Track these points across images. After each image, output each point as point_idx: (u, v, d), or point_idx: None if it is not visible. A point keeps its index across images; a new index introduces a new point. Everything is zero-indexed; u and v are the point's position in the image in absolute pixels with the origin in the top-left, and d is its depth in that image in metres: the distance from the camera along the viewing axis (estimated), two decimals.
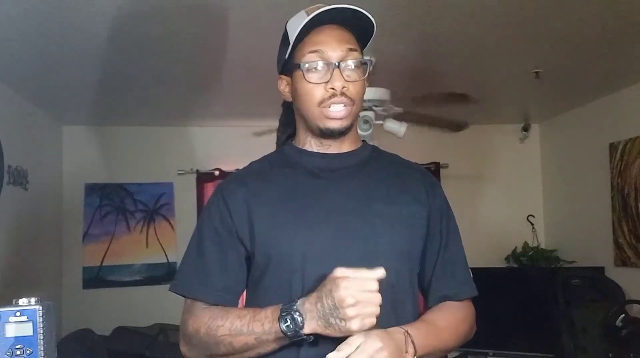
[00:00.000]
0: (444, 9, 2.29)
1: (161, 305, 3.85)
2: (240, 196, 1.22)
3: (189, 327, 1.19)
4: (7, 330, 1.09)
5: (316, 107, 1.19)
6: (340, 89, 1.17)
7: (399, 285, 1.19)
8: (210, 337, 1.14)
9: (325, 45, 1.18)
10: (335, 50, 1.18)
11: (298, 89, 1.22)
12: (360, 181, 1.24)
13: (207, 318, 1.16)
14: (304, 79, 1.19)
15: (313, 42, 1.19)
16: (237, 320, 1.12)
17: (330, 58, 1.18)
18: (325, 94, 1.18)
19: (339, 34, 1.20)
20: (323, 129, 1.21)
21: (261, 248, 1.19)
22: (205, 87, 3.36)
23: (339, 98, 1.18)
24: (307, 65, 1.18)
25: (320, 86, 1.18)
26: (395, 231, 1.21)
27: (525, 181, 4.60)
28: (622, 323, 3.03)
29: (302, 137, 1.28)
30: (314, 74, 1.18)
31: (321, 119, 1.20)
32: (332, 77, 1.17)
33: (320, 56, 1.18)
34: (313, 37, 1.19)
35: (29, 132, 3.52)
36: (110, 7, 2.17)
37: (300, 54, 1.20)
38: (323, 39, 1.19)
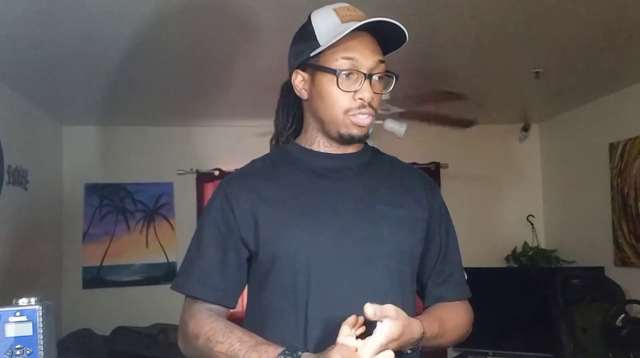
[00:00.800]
0: (444, 9, 2.29)
1: (161, 305, 3.86)
2: (243, 194, 1.21)
3: (189, 329, 1.18)
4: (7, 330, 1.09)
5: (341, 114, 1.18)
6: (369, 100, 1.17)
7: (401, 286, 1.20)
8: (207, 348, 1.13)
9: (360, 54, 1.16)
10: (368, 60, 1.17)
11: (323, 92, 1.19)
12: (363, 183, 1.24)
13: (208, 329, 1.15)
14: (335, 85, 1.17)
15: (347, 49, 1.16)
16: (236, 343, 1.10)
17: (361, 67, 1.16)
18: (353, 104, 1.17)
19: (372, 44, 1.19)
20: (345, 135, 1.20)
21: (265, 248, 1.18)
22: (205, 88, 3.36)
23: (366, 109, 1.17)
24: (343, 73, 1.16)
25: (348, 94, 1.17)
26: (398, 233, 1.21)
27: (525, 181, 4.60)
28: (622, 323, 3.04)
29: (311, 136, 1.26)
30: (345, 82, 1.16)
31: (345, 126, 1.19)
32: (362, 87, 1.16)
33: (353, 64, 1.16)
34: (347, 43, 1.16)
35: (29, 133, 3.52)
36: (110, 8, 2.17)
37: (330, 58, 1.17)
38: (357, 47, 1.17)
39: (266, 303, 1.19)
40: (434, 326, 1.16)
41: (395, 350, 1.06)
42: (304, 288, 1.14)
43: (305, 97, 1.24)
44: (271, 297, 1.18)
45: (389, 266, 1.18)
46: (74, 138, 4.19)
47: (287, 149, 1.30)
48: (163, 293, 4.16)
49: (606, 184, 3.73)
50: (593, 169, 3.89)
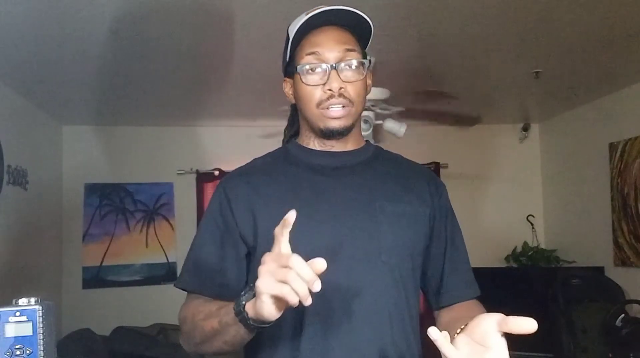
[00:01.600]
0: (444, 9, 2.29)
1: (161, 305, 3.86)
2: (243, 191, 1.22)
3: (181, 316, 1.20)
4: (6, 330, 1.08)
5: (315, 108, 1.20)
6: (338, 90, 1.17)
7: (402, 282, 1.20)
8: (192, 323, 1.14)
9: (322, 46, 1.19)
10: (332, 51, 1.18)
11: (298, 91, 1.23)
12: (364, 179, 1.24)
13: (193, 306, 1.17)
14: (302, 82, 1.20)
15: (310, 44, 1.20)
16: (214, 306, 1.10)
17: (327, 59, 1.18)
18: (323, 96, 1.19)
19: (336, 35, 1.20)
20: (324, 129, 1.21)
21: (265, 245, 1.17)
22: (205, 88, 3.36)
23: (336, 99, 1.18)
24: (305, 68, 1.19)
25: (318, 88, 1.19)
26: (399, 229, 1.21)
27: (525, 181, 4.60)
28: (621, 323, 3.04)
29: (306, 137, 1.29)
30: (312, 76, 1.19)
31: (321, 119, 1.21)
32: (330, 78, 1.18)
33: (317, 58, 1.18)
34: (310, 39, 1.20)
35: (29, 133, 3.52)
36: (110, 8, 2.17)
37: (299, 57, 1.21)
38: (320, 40, 1.19)
39: None
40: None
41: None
42: None
43: (293, 101, 1.28)
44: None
45: (388, 263, 1.18)
46: (73, 137, 4.19)
47: (288, 148, 1.32)
48: (163, 293, 4.18)
49: (606, 184, 3.73)
50: (593, 169, 3.89)
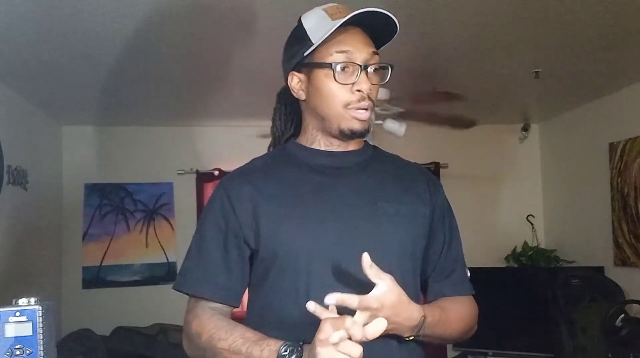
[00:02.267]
0: (444, 9, 2.29)
1: (161, 305, 3.87)
2: (244, 192, 1.21)
3: (192, 328, 1.18)
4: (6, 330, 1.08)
5: (341, 108, 1.18)
6: (367, 91, 1.17)
7: (404, 283, 1.20)
8: (210, 345, 1.14)
9: (353, 46, 1.17)
10: (363, 52, 1.18)
11: (321, 87, 1.20)
12: (364, 180, 1.24)
13: (211, 327, 1.15)
14: (332, 79, 1.17)
15: (341, 43, 1.17)
16: (239, 339, 1.11)
17: (357, 60, 1.17)
18: (352, 97, 1.17)
19: (363, 37, 1.19)
20: (345, 129, 1.20)
21: (267, 246, 1.18)
22: (205, 88, 3.36)
23: (365, 102, 1.18)
24: (338, 66, 1.17)
25: (346, 87, 1.17)
26: (401, 230, 1.21)
27: (525, 181, 4.60)
28: (621, 323, 3.04)
29: (311, 135, 1.27)
30: (342, 75, 1.17)
31: (345, 120, 1.19)
32: (359, 79, 1.17)
33: (348, 57, 1.17)
34: (338, 38, 1.17)
35: (29, 133, 3.52)
36: (110, 8, 2.17)
37: (325, 53, 1.18)
38: (350, 40, 1.18)
39: (267, 301, 1.19)
40: (435, 312, 1.15)
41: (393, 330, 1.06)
42: (305, 286, 1.14)
43: (303, 97, 1.25)
44: (272, 295, 1.18)
45: (390, 263, 1.17)
46: (73, 138, 4.19)
47: (287, 148, 1.30)
48: (163, 293, 4.18)
49: (606, 184, 3.73)
50: (593, 169, 3.89)
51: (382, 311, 1.03)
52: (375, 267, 1.04)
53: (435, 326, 1.14)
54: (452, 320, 1.21)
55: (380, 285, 1.04)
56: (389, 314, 1.04)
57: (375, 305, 1.02)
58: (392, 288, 1.05)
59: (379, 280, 1.04)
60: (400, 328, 1.09)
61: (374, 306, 1.02)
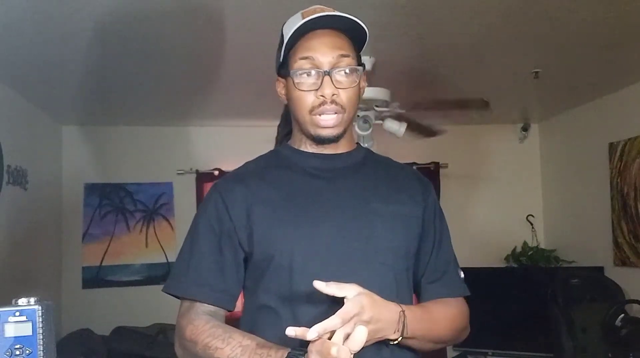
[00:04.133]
0: (444, 9, 2.29)
1: (161, 305, 3.84)
2: (238, 195, 1.21)
3: (186, 335, 1.16)
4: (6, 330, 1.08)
5: (307, 114, 1.19)
6: (330, 96, 1.16)
7: (397, 282, 1.20)
8: (206, 354, 1.11)
9: (316, 51, 1.17)
10: (326, 56, 1.17)
11: (291, 94, 1.21)
12: (357, 181, 1.24)
13: (206, 335, 1.13)
14: (295, 86, 1.19)
15: (304, 48, 1.18)
16: (237, 348, 1.08)
17: (321, 65, 1.17)
18: (315, 102, 1.17)
19: (330, 40, 1.18)
20: (315, 135, 1.21)
21: (261, 248, 1.18)
22: (205, 87, 3.36)
23: (329, 106, 1.17)
24: (298, 72, 1.18)
25: (311, 93, 1.17)
26: (394, 231, 1.21)
27: (525, 181, 4.60)
28: (621, 323, 3.04)
29: (298, 139, 1.28)
30: (305, 81, 1.18)
31: (312, 126, 1.20)
32: (322, 84, 1.16)
33: (311, 63, 1.17)
34: (305, 43, 1.18)
35: (28, 133, 3.52)
36: (109, 8, 2.17)
37: (292, 60, 1.20)
38: (314, 45, 1.18)
39: (262, 303, 1.18)
40: (415, 309, 1.14)
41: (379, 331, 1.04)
42: (300, 288, 1.13)
43: (285, 102, 1.27)
44: (267, 298, 1.18)
45: (385, 264, 1.18)
46: (73, 138, 4.19)
47: (280, 151, 1.31)
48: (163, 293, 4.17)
49: (606, 184, 3.73)
50: (592, 169, 3.89)
51: (365, 313, 1.01)
52: (332, 283, 1.03)
53: (419, 322, 1.12)
54: (437, 319, 1.19)
55: (348, 291, 1.03)
56: (371, 314, 1.02)
57: (356, 308, 1.00)
58: (361, 291, 1.04)
59: (344, 290, 1.03)
60: (385, 327, 1.07)
61: (356, 310, 1.00)
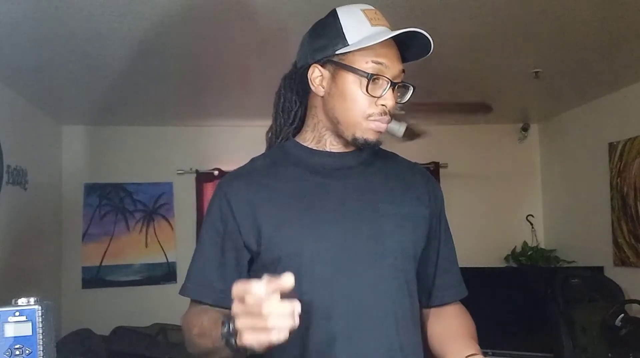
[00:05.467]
0: (444, 9, 2.29)
1: (160, 305, 3.86)
2: (244, 194, 1.19)
3: (182, 324, 1.21)
4: (6, 330, 1.08)
5: (361, 117, 1.16)
6: (391, 107, 1.16)
7: (406, 283, 1.20)
8: (189, 336, 1.15)
9: (388, 60, 1.16)
10: (395, 68, 1.16)
11: (346, 92, 1.16)
12: (364, 180, 1.23)
13: (189, 317, 1.17)
14: (360, 87, 1.15)
15: (378, 54, 1.15)
16: (206, 321, 1.09)
17: (388, 74, 1.16)
18: (375, 109, 1.16)
19: (397, 53, 1.18)
20: (359, 139, 1.18)
21: (268, 249, 1.16)
22: (205, 88, 3.36)
23: (387, 117, 1.17)
24: (374, 77, 1.14)
25: (371, 99, 1.15)
26: (402, 231, 1.20)
27: (525, 180, 4.61)
28: (621, 323, 3.04)
29: (319, 134, 1.24)
30: (371, 86, 1.15)
31: (362, 129, 1.17)
32: (386, 94, 1.15)
33: (381, 70, 1.15)
34: (377, 48, 1.15)
35: (28, 132, 3.52)
36: (110, 8, 2.17)
37: (360, 59, 1.15)
38: (387, 53, 1.16)
39: None
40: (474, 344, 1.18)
41: None
42: (309, 289, 1.12)
43: (321, 93, 1.20)
44: None
45: (394, 265, 1.17)
46: (73, 137, 4.19)
47: (287, 147, 1.27)
48: (163, 293, 4.18)
49: (605, 184, 3.73)
50: (592, 169, 3.89)
51: None
52: None
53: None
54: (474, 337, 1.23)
55: None
56: None
57: None
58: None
59: None
60: None
61: None
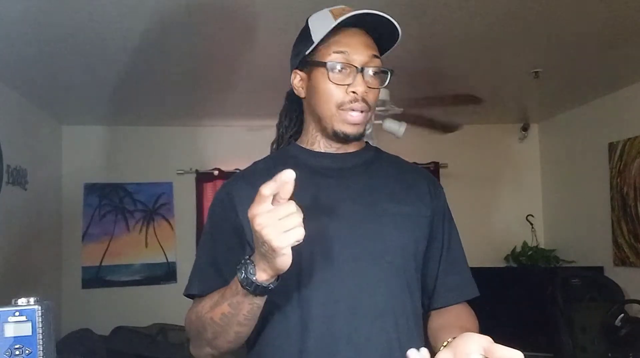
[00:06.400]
0: (444, 9, 2.29)
1: (160, 305, 3.87)
2: (246, 194, 1.18)
3: (186, 322, 1.19)
4: (6, 330, 1.08)
5: (335, 108, 1.18)
6: (362, 94, 1.17)
7: (407, 282, 1.20)
8: (199, 320, 1.14)
9: (352, 48, 1.17)
10: (361, 54, 1.17)
11: (318, 87, 1.20)
12: (366, 181, 1.24)
13: (195, 306, 1.17)
14: (327, 79, 1.18)
15: (339, 43, 1.18)
16: (215, 295, 1.11)
17: (354, 61, 1.17)
18: (345, 97, 1.17)
19: (364, 39, 1.19)
20: (338, 132, 1.20)
21: None
22: (205, 88, 3.36)
23: (359, 104, 1.17)
24: (333, 65, 1.17)
25: (341, 88, 1.17)
26: (402, 230, 1.20)
27: (525, 180, 4.61)
28: (621, 323, 3.04)
29: (311, 136, 1.27)
30: (338, 75, 1.17)
31: (338, 121, 1.19)
32: (355, 81, 1.16)
33: (345, 58, 1.17)
34: (339, 38, 1.18)
35: (28, 132, 3.52)
36: (110, 8, 2.17)
37: (324, 53, 1.19)
38: (350, 41, 1.18)
39: (269, 304, 1.18)
40: None
41: None
42: (308, 288, 1.13)
43: (303, 95, 1.25)
44: (275, 298, 1.17)
45: (393, 263, 1.17)
46: (73, 137, 4.19)
47: (288, 150, 1.30)
48: (162, 293, 4.18)
49: (605, 184, 3.73)
50: (592, 169, 3.89)
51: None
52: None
53: None
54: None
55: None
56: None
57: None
58: None
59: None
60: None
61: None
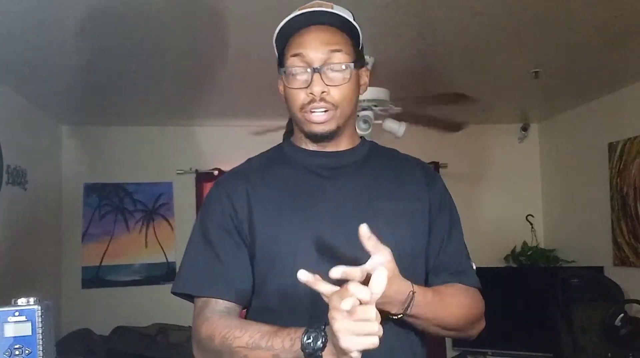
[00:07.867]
0: (443, 8, 2.29)
1: (160, 305, 3.86)
2: (242, 192, 1.20)
3: (202, 333, 1.13)
4: (6, 330, 1.08)
5: (299, 111, 1.18)
6: (319, 94, 1.14)
7: None
8: (225, 346, 1.08)
9: (307, 48, 1.15)
10: (317, 52, 1.14)
11: (285, 92, 1.20)
12: (360, 179, 1.23)
13: (222, 327, 1.10)
14: (286, 85, 1.18)
15: (296, 45, 1.16)
16: (256, 334, 1.05)
17: (311, 61, 1.15)
18: (305, 99, 1.16)
19: (322, 36, 1.16)
20: (308, 132, 1.20)
21: (263, 249, 1.17)
22: (204, 87, 3.36)
23: (318, 104, 1.15)
24: (288, 70, 1.16)
25: (302, 91, 1.16)
26: (398, 229, 1.19)
27: (524, 180, 4.60)
28: (621, 323, 3.04)
29: (298, 136, 1.26)
30: (296, 79, 1.16)
31: (304, 123, 1.19)
32: (312, 82, 1.14)
33: (302, 59, 1.15)
34: (297, 39, 1.16)
35: (28, 132, 3.51)
36: (109, 7, 2.17)
37: (285, 58, 1.18)
38: (305, 40, 1.16)
39: (264, 305, 1.18)
40: (427, 292, 1.11)
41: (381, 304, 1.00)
42: (304, 289, 1.13)
43: (284, 100, 1.25)
44: (270, 299, 1.17)
45: None
46: (73, 138, 4.19)
47: (283, 147, 1.30)
48: (162, 293, 4.14)
49: (605, 184, 3.73)
50: (592, 168, 3.89)
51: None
52: (374, 238, 1.00)
53: (427, 306, 1.10)
54: (448, 304, 1.16)
55: (378, 257, 1.00)
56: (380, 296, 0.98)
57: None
58: (391, 261, 1.02)
59: (377, 252, 1.00)
60: (389, 302, 1.05)
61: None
